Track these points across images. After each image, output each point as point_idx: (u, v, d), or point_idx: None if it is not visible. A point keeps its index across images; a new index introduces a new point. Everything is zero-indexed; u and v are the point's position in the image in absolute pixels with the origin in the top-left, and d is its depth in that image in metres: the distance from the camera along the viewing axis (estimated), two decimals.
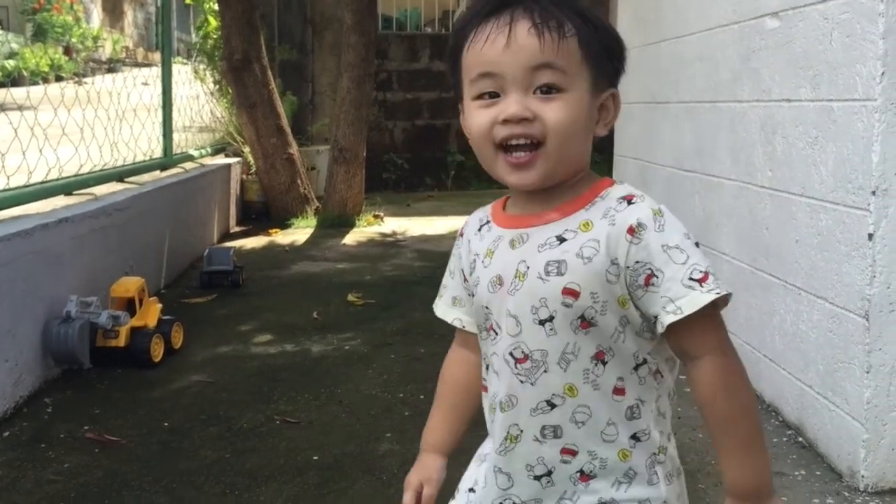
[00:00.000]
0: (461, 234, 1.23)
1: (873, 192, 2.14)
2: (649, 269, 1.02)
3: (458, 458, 1.28)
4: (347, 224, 6.55)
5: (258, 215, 6.84)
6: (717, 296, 1.00)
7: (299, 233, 6.33)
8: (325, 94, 8.72)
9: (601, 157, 5.99)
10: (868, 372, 2.19)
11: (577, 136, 1.07)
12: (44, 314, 2.99)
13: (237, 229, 6.51)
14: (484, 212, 1.20)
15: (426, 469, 1.26)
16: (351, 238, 6.14)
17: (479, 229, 1.18)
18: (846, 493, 2.22)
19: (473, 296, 1.15)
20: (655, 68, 3.79)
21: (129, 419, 2.74)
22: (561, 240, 1.06)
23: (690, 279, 1.01)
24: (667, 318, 1.01)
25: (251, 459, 2.45)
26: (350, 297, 4.29)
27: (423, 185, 9.12)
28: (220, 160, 6.59)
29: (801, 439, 2.54)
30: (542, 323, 1.05)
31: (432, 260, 5.32)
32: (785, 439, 2.56)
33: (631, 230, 1.02)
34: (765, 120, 2.75)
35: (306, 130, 8.31)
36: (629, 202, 1.05)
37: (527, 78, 1.04)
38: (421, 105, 9.14)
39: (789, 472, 2.35)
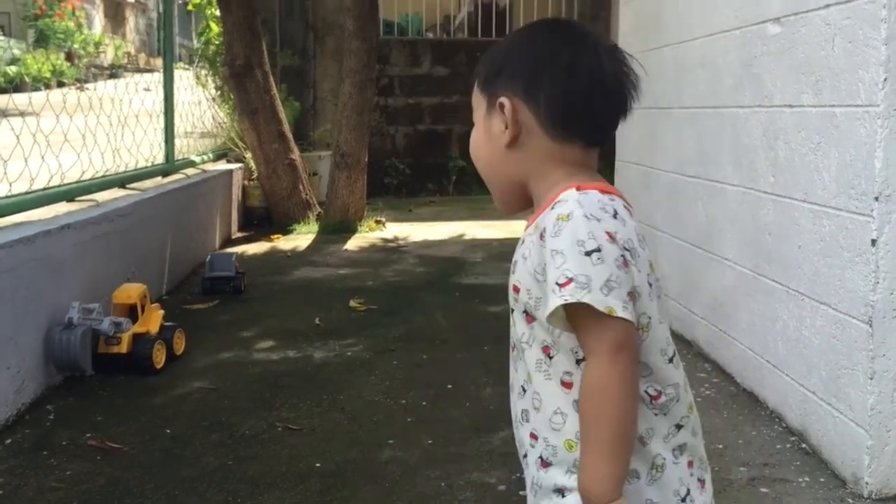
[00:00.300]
0: None
1: (876, 198, 2.14)
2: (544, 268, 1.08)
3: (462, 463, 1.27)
4: (349, 229, 6.55)
5: (260, 221, 6.83)
6: (565, 302, 1.02)
7: (301, 238, 6.33)
8: (326, 99, 8.73)
9: (603, 163, 6.00)
10: (872, 378, 2.19)
11: None
12: (46, 321, 2.99)
13: (239, 235, 6.51)
14: None
15: None
16: (353, 244, 6.14)
17: None
18: (850, 500, 2.21)
19: None
20: (657, 74, 3.79)
21: (132, 426, 2.73)
22: (522, 241, 1.16)
23: (556, 283, 1.04)
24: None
25: (253, 466, 2.45)
26: (352, 303, 4.28)
27: (424, 191, 9.11)
28: (222, 166, 6.59)
29: (804, 446, 2.53)
30: (512, 312, 1.17)
31: (434, 265, 5.31)
32: (788, 445, 2.55)
33: (542, 235, 1.09)
34: (767, 126, 2.75)
35: (308, 136, 8.32)
36: (552, 207, 1.10)
37: None
38: (423, 110, 9.15)
39: (793, 478, 2.34)
